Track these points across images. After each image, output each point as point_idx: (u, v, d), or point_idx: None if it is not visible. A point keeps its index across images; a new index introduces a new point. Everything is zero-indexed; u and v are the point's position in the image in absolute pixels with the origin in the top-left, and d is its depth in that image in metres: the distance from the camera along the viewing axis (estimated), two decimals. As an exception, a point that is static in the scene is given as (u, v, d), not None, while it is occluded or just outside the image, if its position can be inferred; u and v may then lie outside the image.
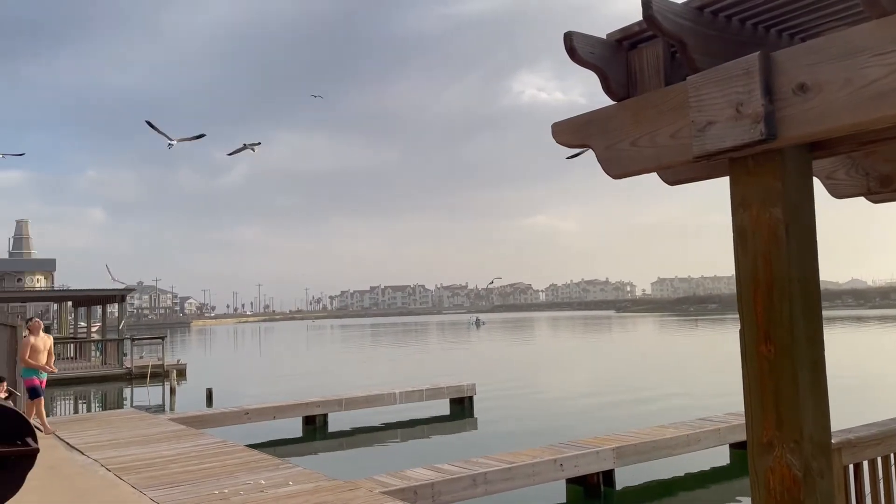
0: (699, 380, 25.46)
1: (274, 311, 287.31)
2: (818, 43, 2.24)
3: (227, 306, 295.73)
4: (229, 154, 26.60)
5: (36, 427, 10.87)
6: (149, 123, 24.18)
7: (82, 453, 10.10)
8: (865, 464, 3.68)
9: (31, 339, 12.48)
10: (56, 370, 13.15)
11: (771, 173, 2.46)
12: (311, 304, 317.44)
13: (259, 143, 25.10)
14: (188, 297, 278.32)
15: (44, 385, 12.50)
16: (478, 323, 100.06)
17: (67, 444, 10.78)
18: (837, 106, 2.16)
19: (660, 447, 10.97)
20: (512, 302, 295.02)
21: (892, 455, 3.79)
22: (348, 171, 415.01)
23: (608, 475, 10.38)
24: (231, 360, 52.42)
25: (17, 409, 4.81)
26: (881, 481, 3.73)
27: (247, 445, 11.21)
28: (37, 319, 13.78)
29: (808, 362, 2.45)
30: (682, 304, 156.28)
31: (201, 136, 25.17)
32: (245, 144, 24.84)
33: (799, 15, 2.69)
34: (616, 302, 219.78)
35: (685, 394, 21.53)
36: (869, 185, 3.62)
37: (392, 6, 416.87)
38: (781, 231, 2.43)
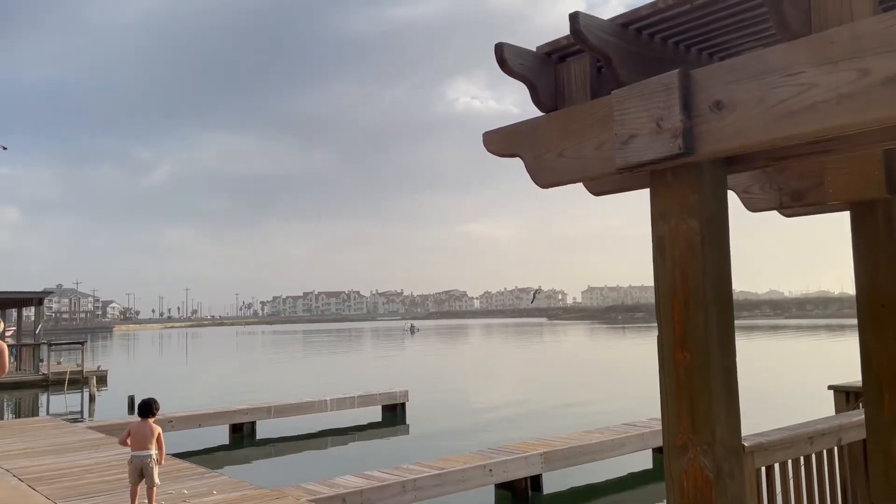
0: (625, 386, 26.05)
1: (202, 317, 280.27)
2: (734, 62, 2.34)
3: (153, 311, 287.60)
4: None
5: None
6: None
7: (-8, 464, 9.58)
8: (777, 466, 3.85)
9: None
10: None
11: (688, 186, 2.55)
12: (241, 309, 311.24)
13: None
14: (111, 301, 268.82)
15: None
16: (412, 329, 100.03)
17: (-25, 454, 10.21)
18: (751, 123, 2.25)
19: (586, 452, 11.17)
20: (447, 309, 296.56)
21: (801, 458, 3.97)
22: (279, 174, 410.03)
23: (536, 480, 10.52)
24: (155, 367, 50.73)
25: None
26: (791, 482, 3.90)
27: (171, 454, 10.85)
28: None
29: (721, 369, 2.54)
30: (611, 312, 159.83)
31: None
32: None
33: (717, 35, 2.80)
34: (548, 310, 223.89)
35: (612, 400, 21.99)
36: (781, 200, 3.80)
37: (323, 7, 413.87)
38: (697, 242, 2.52)
